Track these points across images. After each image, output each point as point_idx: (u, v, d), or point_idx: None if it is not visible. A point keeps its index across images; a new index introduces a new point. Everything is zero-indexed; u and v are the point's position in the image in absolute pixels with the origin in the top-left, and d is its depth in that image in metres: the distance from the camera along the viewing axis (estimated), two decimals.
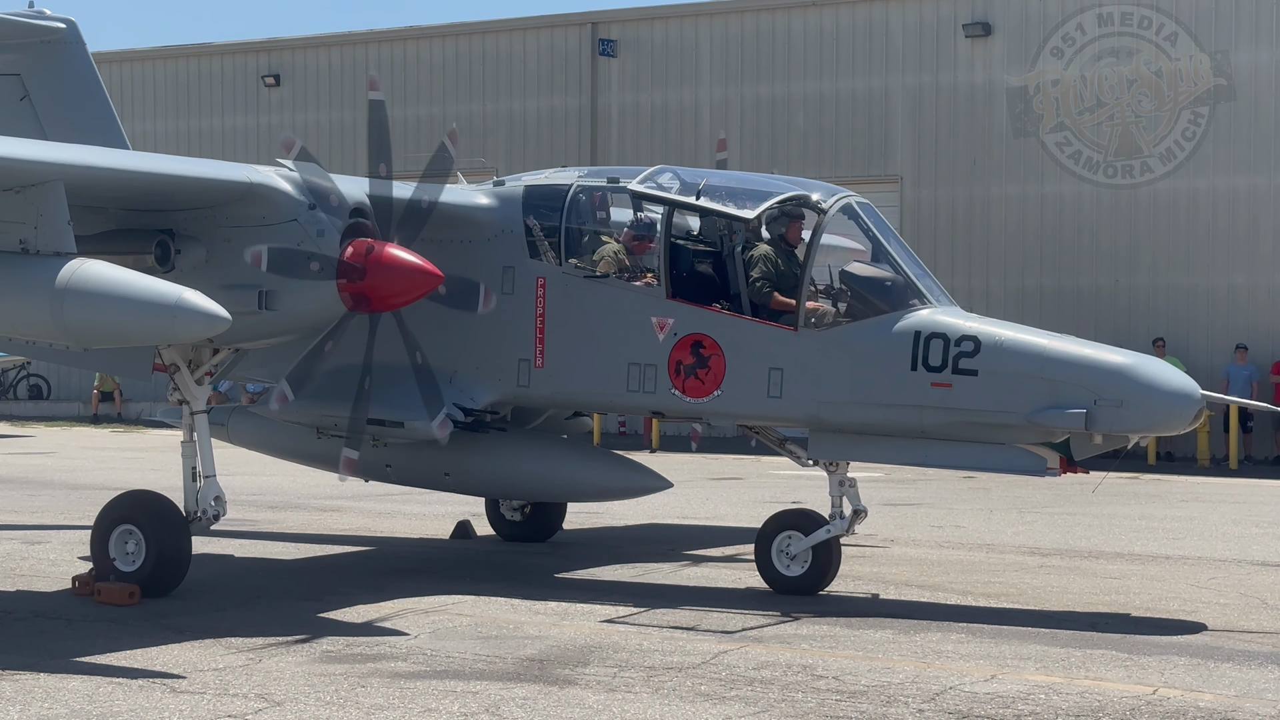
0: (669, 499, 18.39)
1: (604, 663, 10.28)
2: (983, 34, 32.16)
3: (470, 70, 37.29)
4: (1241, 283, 30.39)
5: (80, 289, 11.00)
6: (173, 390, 13.18)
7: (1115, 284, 31.15)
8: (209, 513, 12.86)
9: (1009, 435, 12.36)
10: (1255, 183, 30.29)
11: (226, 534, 15.87)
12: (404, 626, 11.45)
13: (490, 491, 15.72)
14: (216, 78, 40.50)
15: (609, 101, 35.85)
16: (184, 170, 12.81)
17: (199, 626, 11.34)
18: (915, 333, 12.49)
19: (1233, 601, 13.10)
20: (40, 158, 11.75)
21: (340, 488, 19.88)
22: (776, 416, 13.19)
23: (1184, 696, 9.51)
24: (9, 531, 16.87)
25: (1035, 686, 9.72)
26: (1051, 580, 14.18)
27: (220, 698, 9.22)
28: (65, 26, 16.35)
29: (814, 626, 11.73)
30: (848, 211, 13.37)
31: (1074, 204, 31.49)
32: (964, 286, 30.12)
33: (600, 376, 13.54)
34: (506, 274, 13.76)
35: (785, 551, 13.16)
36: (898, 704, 9.22)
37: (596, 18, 36.19)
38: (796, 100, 33.90)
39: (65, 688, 9.41)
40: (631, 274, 13.54)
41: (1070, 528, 18.21)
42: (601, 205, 14.06)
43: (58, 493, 21.09)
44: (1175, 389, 12.00)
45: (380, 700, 9.20)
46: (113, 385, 38.88)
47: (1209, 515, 20.00)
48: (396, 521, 18.20)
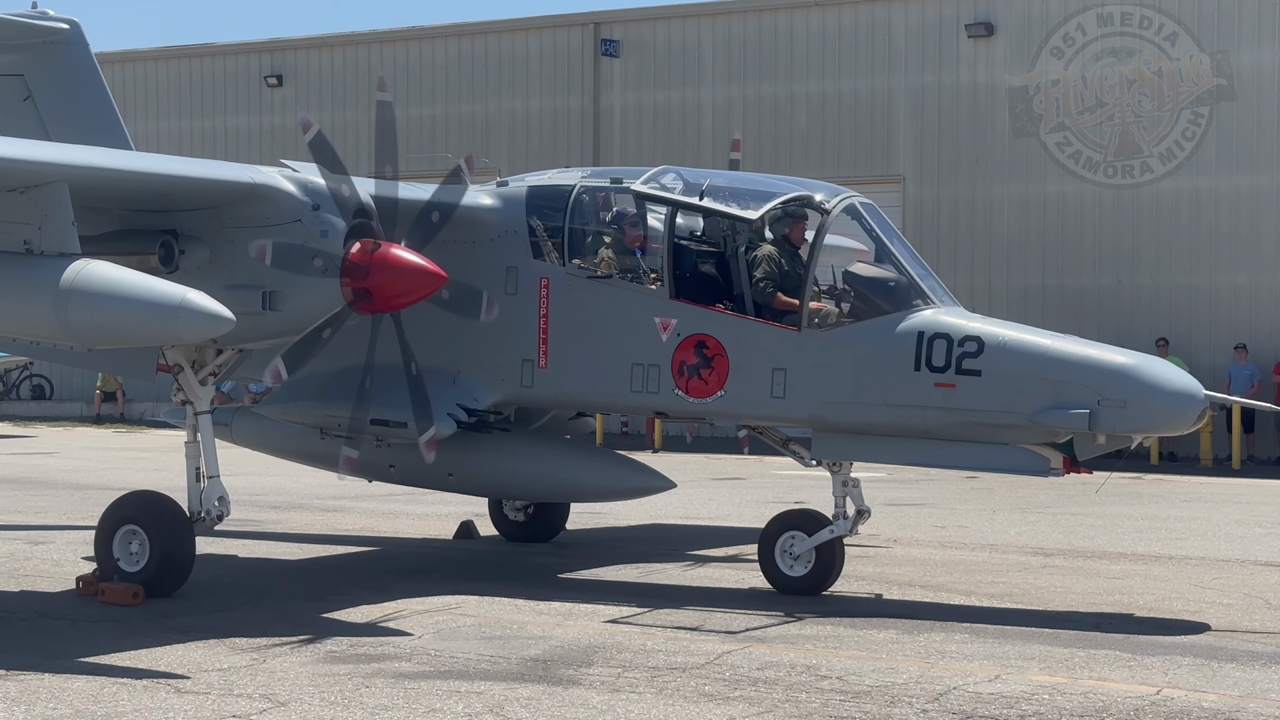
0: (672, 499, 18.38)
1: (608, 663, 10.28)
2: (985, 34, 32.15)
3: (473, 70, 37.29)
4: (1243, 283, 30.39)
5: (84, 289, 11.00)
6: (176, 391, 13.18)
7: (1118, 284, 31.15)
8: (213, 513, 12.86)
9: (1012, 435, 12.37)
10: (1258, 183, 30.29)
11: (230, 534, 15.88)
12: (408, 627, 11.46)
13: (493, 492, 15.73)
14: (219, 78, 40.51)
15: (611, 102, 35.85)
16: (187, 171, 12.83)
17: (203, 627, 11.34)
18: (918, 333, 12.49)
19: (1236, 602, 13.10)
20: (44, 158, 11.77)
21: (344, 488, 19.90)
22: (780, 417, 13.20)
23: (1188, 697, 9.51)
24: (12, 532, 16.87)
25: (1039, 687, 9.73)
26: (1055, 580, 14.18)
27: (224, 698, 9.22)
28: (68, 27, 16.34)
29: (817, 627, 11.73)
30: (851, 212, 13.38)
31: (1077, 204, 31.48)
32: (967, 286, 30.08)
33: (603, 377, 13.54)
34: (510, 274, 13.76)
35: (788, 552, 13.16)
36: (901, 704, 9.22)
37: (599, 18, 36.19)
38: (799, 100, 33.90)
39: (69, 688, 9.42)
40: (634, 274, 13.55)
41: (1074, 528, 18.20)
42: (605, 206, 14.06)
43: (61, 493, 21.10)
44: (1178, 389, 12.00)
45: (384, 700, 9.20)
46: (115, 385, 38.89)
47: (1212, 515, 19.99)
48: (400, 522, 18.21)
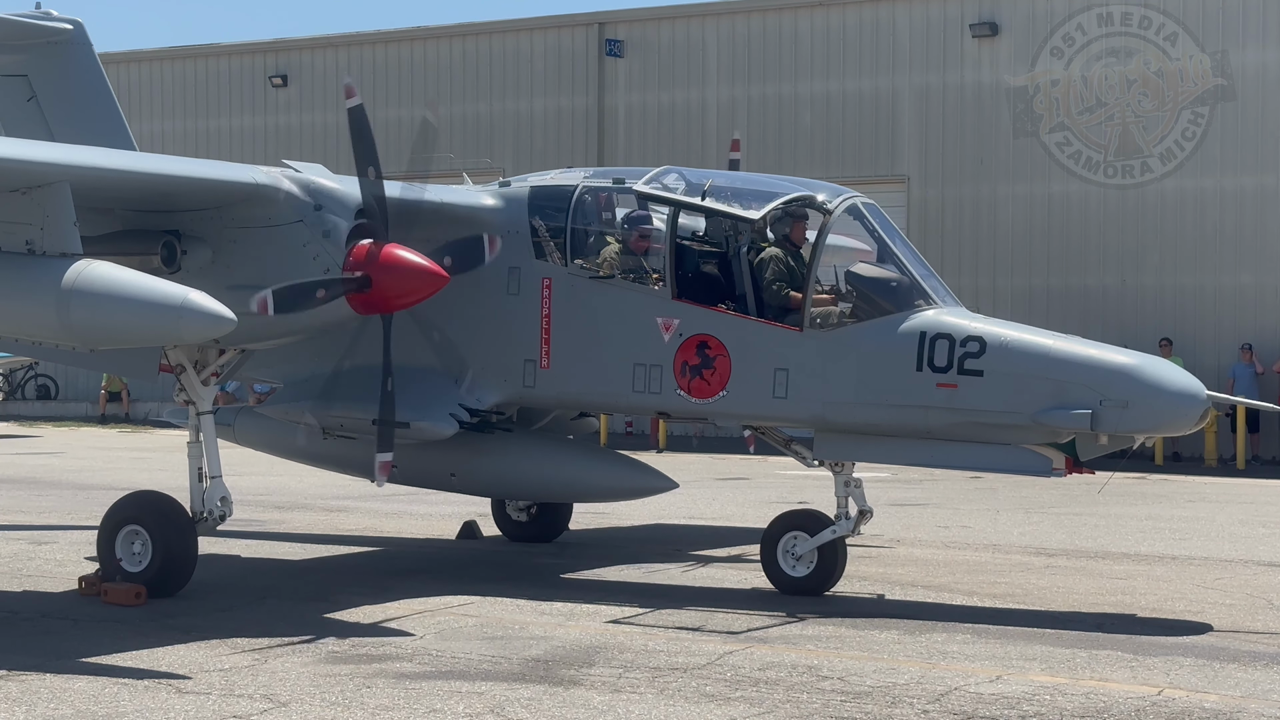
0: (675, 499, 18.39)
1: (609, 663, 10.28)
2: (990, 34, 32.14)
3: (477, 70, 37.30)
4: (1247, 282, 30.36)
5: (86, 290, 11.01)
6: (179, 391, 13.20)
7: (1122, 284, 31.13)
8: (215, 513, 12.88)
9: (1014, 436, 12.36)
10: (1262, 183, 30.26)
11: (233, 534, 15.89)
12: (409, 627, 11.46)
13: (496, 492, 15.74)
14: (224, 78, 40.54)
15: (616, 102, 35.84)
16: (190, 171, 12.84)
17: (205, 627, 11.35)
18: (920, 333, 12.48)
19: (1239, 602, 13.09)
20: (46, 159, 11.78)
21: (346, 488, 19.93)
22: (782, 417, 13.20)
23: (1189, 697, 9.50)
24: (16, 532, 16.89)
25: (1040, 687, 9.72)
26: (1057, 581, 14.18)
27: (226, 698, 9.23)
28: (72, 27, 16.36)
29: (819, 627, 11.73)
30: (853, 212, 13.38)
31: (1081, 204, 31.46)
32: (971, 286, 30.09)
33: (606, 377, 13.54)
34: (512, 274, 13.77)
35: (791, 552, 13.16)
36: (903, 705, 9.22)
37: (603, 18, 36.18)
38: (804, 100, 33.89)
39: (71, 688, 9.43)
40: (637, 275, 13.55)
41: (1077, 528, 18.19)
42: (607, 206, 14.06)
43: (65, 493, 21.12)
44: (1180, 389, 11.99)
45: (385, 701, 9.21)
46: (120, 385, 38.92)
47: (1216, 515, 19.98)
48: (403, 522, 18.21)
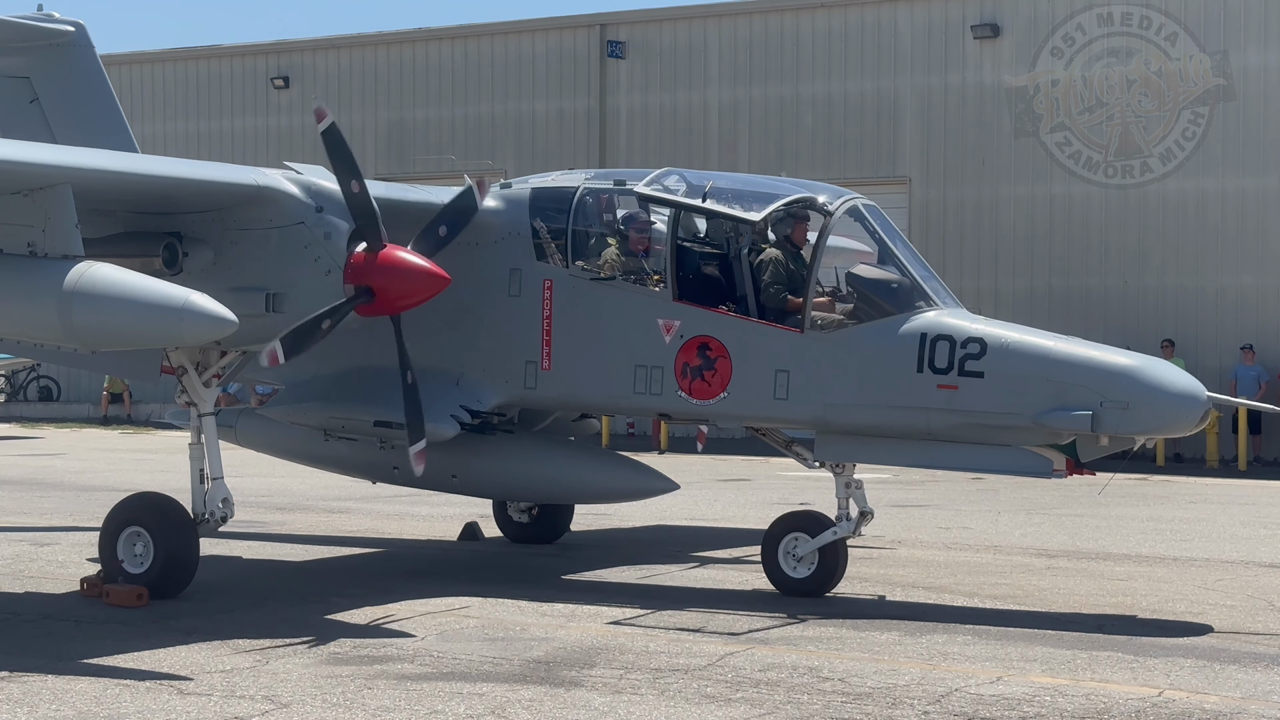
0: (676, 500, 18.39)
1: (610, 664, 10.29)
2: (991, 35, 32.14)
3: (479, 72, 37.31)
4: (1249, 283, 30.36)
5: (88, 292, 11.02)
6: (180, 392, 13.21)
7: (1124, 285, 31.13)
8: (217, 514, 12.89)
9: (1015, 437, 12.37)
10: (1263, 184, 30.25)
11: (234, 536, 15.89)
12: (411, 628, 11.47)
13: (497, 493, 15.74)
14: (225, 80, 40.55)
15: (617, 103, 35.84)
16: (191, 173, 12.85)
17: (206, 628, 11.37)
18: (921, 335, 12.49)
19: (1240, 603, 13.09)
20: (48, 161, 11.80)
21: (347, 490, 19.94)
22: (783, 418, 13.21)
23: (1190, 699, 9.51)
24: (18, 533, 16.90)
25: (1041, 688, 9.73)
26: (1058, 582, 14.18)
27: (227, 699, 9.24)
28: (74, 29, 16.37)
29: (820, 628, 11.74)
30: (854, 214, 13.39)
31: (1082, 205, 31.46)
32: (973, 287, 30.10)
33: (607, 378, 13.55)
34: (513, 276, 13.78)
35: (792, 553, 13.17)
36: (903, 706, 9.23)
37: (605, 19, 36.18)
38: (805, 102, 33.89)
39: (73, 689, 9.44)
40: (638, 276, 13.56)
41: (1078, 529, 18.20)
42: (608, 208, 14.07)
43: (67, 494, 21.13)
44: (1181, 391, 11.99)
45: (387, 702, 9.22)
46: (122, 387, 38.93)
47: (1217, 517, 19.98)
48: (404, 523, 18.22)
